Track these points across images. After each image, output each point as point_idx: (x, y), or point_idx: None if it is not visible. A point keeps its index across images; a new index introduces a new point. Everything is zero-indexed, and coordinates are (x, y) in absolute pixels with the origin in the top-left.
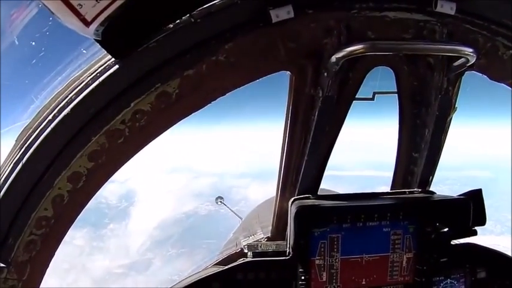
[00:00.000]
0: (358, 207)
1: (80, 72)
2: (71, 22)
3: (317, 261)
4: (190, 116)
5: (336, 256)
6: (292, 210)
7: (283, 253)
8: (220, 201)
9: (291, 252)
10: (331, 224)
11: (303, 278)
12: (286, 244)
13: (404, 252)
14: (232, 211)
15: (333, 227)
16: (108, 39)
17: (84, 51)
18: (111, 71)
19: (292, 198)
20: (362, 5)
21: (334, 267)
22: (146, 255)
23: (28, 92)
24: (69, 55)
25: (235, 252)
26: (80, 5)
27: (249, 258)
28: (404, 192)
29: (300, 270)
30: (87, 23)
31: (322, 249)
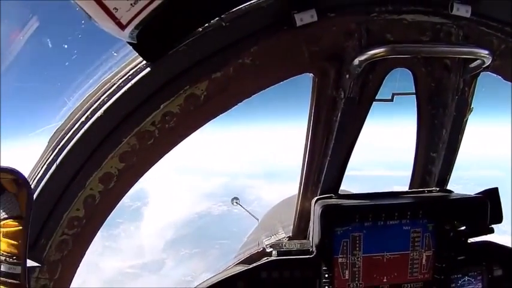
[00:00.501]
0: (380, 206)
1: (111, 74)
2: (107, 26)
3: (340, 260)
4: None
5: (358, 254)
6: (316, 210)
7: (307, 251)
8: (236, 202)
9: (315, 251)
10: (353, 222)
11: (326, 276)
12: (310, 243)
13: (424, 250)
14: (248, 212)
15: (355, 225)
16: (141, 42)
17: (114, 54)
18: (143, 73)
19: (316, 198)
20: (381, 8)
21: (357, 265)
22: (159, 255)
23: (59, 94)
24: (99, 57)
25: (257, 251)
26: (115, 8)
27: (273, 257)
28: (423, 191)
29: (324, 268)
30: (122, 27)
31: (345, 248)
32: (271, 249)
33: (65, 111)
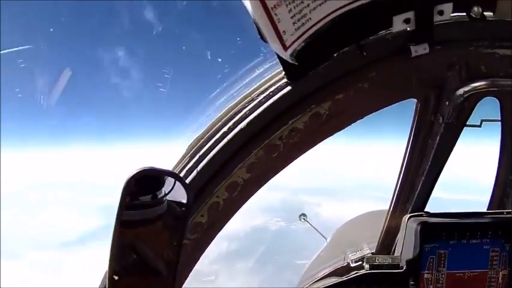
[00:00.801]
0: (465, 225)
1: (251, 89)
2: (275, 46)
3: (425, 275)
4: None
5: (443, 271)
6: (410, 226)
7: (396, 266)
8: (304, 219)
9: (405, 266)
10: (440, 240)
11: None
12: (399, 258)
13: (501, 269)
14: (315, 229)
15: (442, 243)
16: (290, 64)
17: (257, 70)
18: (284, 91)
19: (408, 215)
20: (479, 43)
21: (440, 282)
22: (213, 266)
23: (201, 104)
24: (236, 72)
25: (342, 266)
26: (284, 31)
27: (365, 270)
28: (502, 213)
29: (411, 283)
30: (285, 48)
31: (431, 264)
32: (361, 262)
33: (204, 121)
